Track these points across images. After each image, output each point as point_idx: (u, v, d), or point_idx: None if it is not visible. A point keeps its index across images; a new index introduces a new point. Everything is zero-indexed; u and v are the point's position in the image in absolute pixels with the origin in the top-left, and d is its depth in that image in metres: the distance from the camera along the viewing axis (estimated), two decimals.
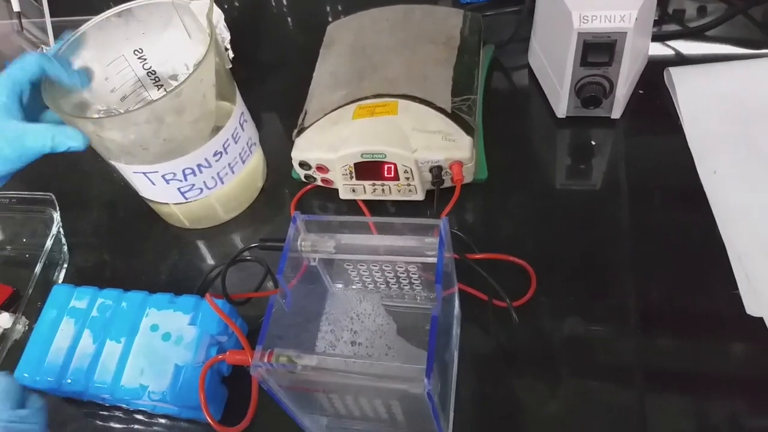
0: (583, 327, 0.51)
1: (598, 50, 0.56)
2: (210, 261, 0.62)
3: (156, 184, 0.55)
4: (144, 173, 0.54)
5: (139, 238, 0.64)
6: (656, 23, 0.69)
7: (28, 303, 0.56)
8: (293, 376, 0.38)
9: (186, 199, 0.57)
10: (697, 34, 0.69)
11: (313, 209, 0.62)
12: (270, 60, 0.79)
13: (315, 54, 0.68)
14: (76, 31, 0.55)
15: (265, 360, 0.37)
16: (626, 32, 0.54)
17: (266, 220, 0.63)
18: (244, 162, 0.59)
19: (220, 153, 0.55)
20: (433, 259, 0.42)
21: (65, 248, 0.62)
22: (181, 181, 0.55)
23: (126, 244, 0.64)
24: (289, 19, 0.87)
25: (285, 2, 0.88)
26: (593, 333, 0.50)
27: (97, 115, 0.58)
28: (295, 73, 0.71)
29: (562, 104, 0.62)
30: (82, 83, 0.54)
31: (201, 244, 0.63)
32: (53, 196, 0.61)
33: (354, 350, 0.49)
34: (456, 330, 0.51)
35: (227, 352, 0.41)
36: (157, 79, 0.62)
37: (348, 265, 0.47)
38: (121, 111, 0.60)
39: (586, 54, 0.56)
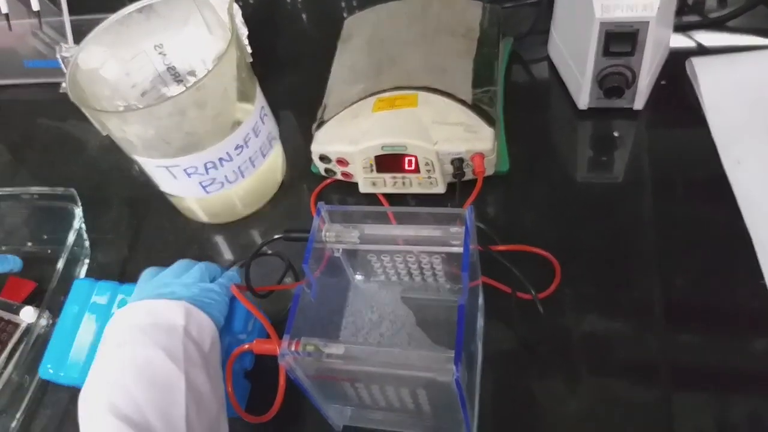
0: (606, 319, 0.50)
1: (621, 40, 0.55)
2: (229, 256, 0.62)
3: (177, 178, 0.55)
4: (166, 167, 0.54)
5: (159, 233, 0.64)
6: (677, 14, 0.68)
7: (51, 297, 0.56)
8: (320, 364, 0.38)
9: (207, 193, 0.57)
10: (719, 25, 0.68)
11: (333, 203, 0.62)
12: (287, 55, 0.79)
13: (332, 48, 0.68)
14: (99, 26, 0.55)
15: (293, 348, 0.37)
16: (649, 21, 0.53)
17: (285, 215, 0.63)
18: (264, 156, 0.59)
19: (242, 147, 0.55)
20: (458, 249, 0.42)
21: (87, 243, 0.62)
22: (202, 174, 0.55)
23: (146, 239, 0.64)
24: (304, 15, 0.87)
25: None
26: (617, 325, 0.50)
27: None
28: (312, 67, 0.71)
29: (583, 95, 0.61)
30: None
31: (220, 239, 0.63)
32: (74, 192, 0.62)
33: (376, 340, 0.49)
34: (480, 322, 0.50)
35: (254, 341, 0.41)
36: (177, 74, 0.63)
37: (371, 256, 0.47)
38: (141, 106, 0.60)
39: (608, 44, 0.56)
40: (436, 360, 0.36)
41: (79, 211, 0.61)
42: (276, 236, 0.48)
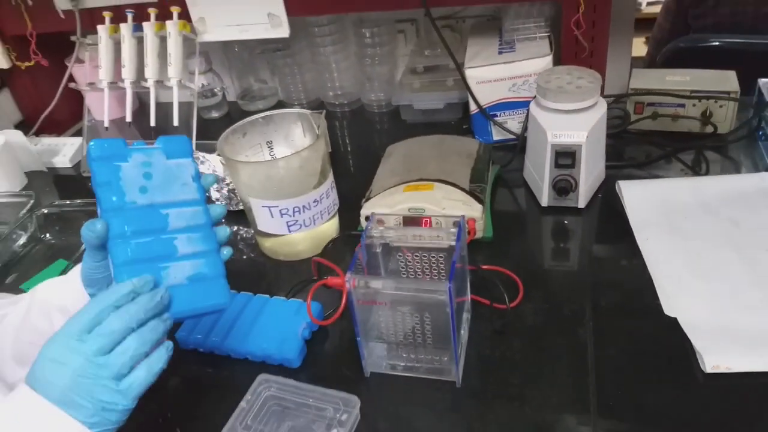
0: (552, 323, 0.74)
1: (565, 156, 0.87)
2: (288, 283, 0.88)
3: (273, 217, 0.83)
4: (268, 207, 0.83)
5: (238, 263, 0.91)
6: (615, 160, 1.00)
7: None
8: (367, 290, 0.63)
9: (289, 231, 0.85)
10: (642, 167, 1.00)
11: None
12: (343, 170, 1.12)
13: (376, 166, 1.01)
14: (238, 123, 0.88)
15: (352, 280, 0.63)
16: (581, 145, 0.85)
17: (333, 260, 0.89)
18: (329, 214, 0.88)
19: (317, 201, 0.85)
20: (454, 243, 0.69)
21: None
22: (290, 216, 0.83)
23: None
24: (350, 158, 1.22)
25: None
26: (557, 326, 0.74)
27: None
28: (363, 175, 1.03)
29: (544, 196, 0.91)
30: None
31: (284, 271, 0.89)
32: None
33: None
34: (467, 317, 0.75)
35: (327, 278, 0.66)
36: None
37: (399, 255, 0.74)
38: None
39: (557, 159, 0.87)
40: (436, 285, 0.61)
41: None
42: (340, 234, 0.75)
